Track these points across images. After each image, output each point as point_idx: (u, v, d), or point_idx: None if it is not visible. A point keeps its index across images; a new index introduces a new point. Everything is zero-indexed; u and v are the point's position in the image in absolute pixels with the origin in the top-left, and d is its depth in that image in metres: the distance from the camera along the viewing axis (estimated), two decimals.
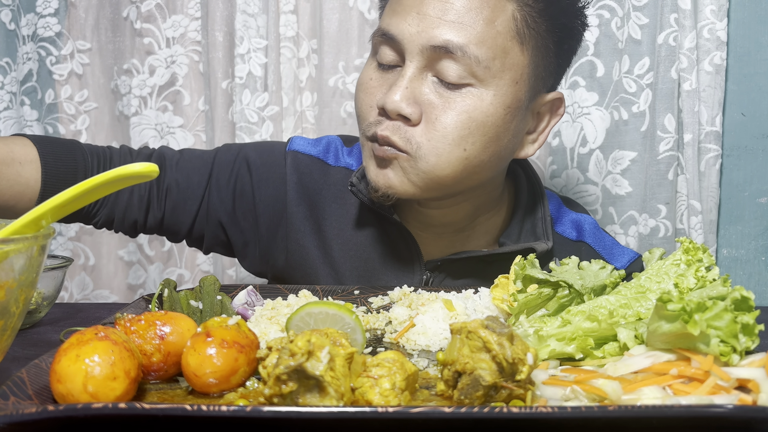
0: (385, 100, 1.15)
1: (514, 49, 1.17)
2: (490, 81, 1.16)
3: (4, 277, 0.67)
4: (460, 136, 1.16)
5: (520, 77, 1.19)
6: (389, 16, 1.20)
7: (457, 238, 1.34)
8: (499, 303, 1.02)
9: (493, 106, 1.17)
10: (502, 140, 1.21)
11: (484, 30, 1.14)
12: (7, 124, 2.03)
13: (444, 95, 1.16)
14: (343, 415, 0.61)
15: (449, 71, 1.15)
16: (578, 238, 1.40)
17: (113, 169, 0.72)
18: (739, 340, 0.73)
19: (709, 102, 1.81)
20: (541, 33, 1.19)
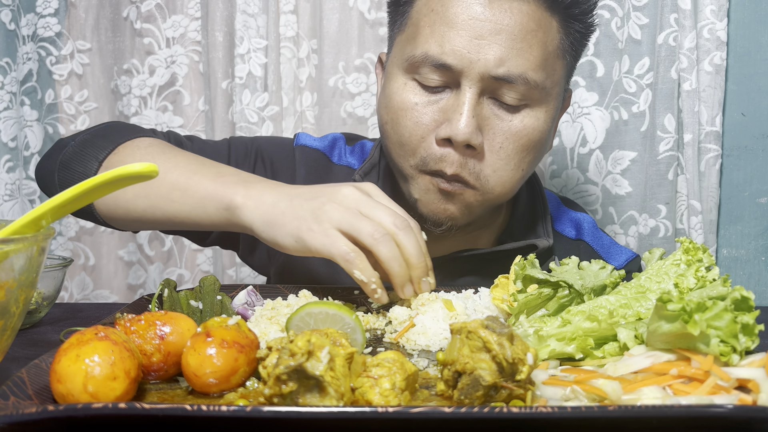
0: (452, 131, 1.12)
1: (558, 65, 1.19)
2: (544, 100, 1.17)
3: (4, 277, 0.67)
4: (521, 159, 1.17)
5: (562, 88, 1.23)
6: (436, 39, 1.13)
7: (459, 238, 1.33)
8: (500, 303, 1.02)
9: (546, 123, 1.19)
10: (546, 147, 1.25)
11: (541, 54, 1.14)
12: (7, 124, 2.03)
13: (503, 118, 1.15)
14: (343, 415, 0.61)
15: (508, 96, 1.14)
16: (577, 236, 1.40)
17: (113, 170, 0.72)
18: (739, 340, 0.73)
19: (709, 102, 1.81)
20: (573, 43, 1.21)
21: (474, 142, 1.12)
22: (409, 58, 1.16)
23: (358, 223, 0.99)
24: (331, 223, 1.00)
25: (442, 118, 1.15)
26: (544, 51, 1.14)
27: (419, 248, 1.02)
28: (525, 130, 1.16)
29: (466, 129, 1.11)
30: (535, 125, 1.17)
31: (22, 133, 2.04)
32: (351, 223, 1.00)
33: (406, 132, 1.17)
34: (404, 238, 1.00)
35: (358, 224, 0.99)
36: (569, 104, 1.34)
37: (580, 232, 1.41)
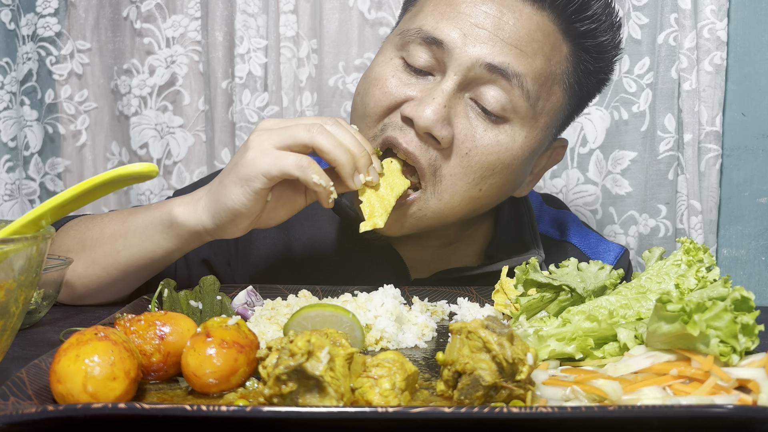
0: (417, 113, 1.02)
1: (556, 94, 1.10)
2: (527, 121, 1.07)
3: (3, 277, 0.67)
4: (482, 177, 1.07)
5: (553, 123, 1.12)
6: (434, 17, 1.06)
7: (443, 250, 1.27)
8: (502, 308, 1.02)
9: (522, 149, 1.08)
10: (514, 183, 1.14)
11: (543, 66, 1.05)
12: (7, 124, 2.03)
13: (478, 126, 1.05)
14: (343, 415, 0.61)
15: (491, 99, 1.04)
16: (562, 237, 1.35)
17: (113, 170, 0.72)
18: (738, 341, 0.73)
19: (709, 102, 1.81)
20: (579, 82, 1.13)
21: (437, 132, 1.02)
22: (403, 33, 1.09)
23: (289, 132, 0.97)
24: (264, 147, 0.96)
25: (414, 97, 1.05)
26: (546, 66, 1.06)
27: (354, 136, 0.99)
28: (497, 146, 1.05)
29: (432, 115, 1.01)
30: (508, 146, 1.06)
31: (22, 133, 2.04)
32: (282, 136, 0.97)
33: (372, 101, 1.08)
34: (336, 130, 0.98)
35: (289, 132, 0.97)
36: (561, 156, 1.23)
37: (565, 233, 1.35)
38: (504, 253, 1.26)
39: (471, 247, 1.30)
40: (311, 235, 1.26)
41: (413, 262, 1.26)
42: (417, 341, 0.94)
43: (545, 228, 1.35)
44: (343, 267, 1.25)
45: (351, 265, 1.24)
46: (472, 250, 1.30)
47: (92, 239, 1.12)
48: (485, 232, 1.31)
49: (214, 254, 1.28)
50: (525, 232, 1.28)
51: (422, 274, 1.26)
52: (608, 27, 1.11)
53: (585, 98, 1.19)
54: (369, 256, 1.25)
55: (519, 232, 1.29)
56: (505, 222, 1.29)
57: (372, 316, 0.93)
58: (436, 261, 1.27)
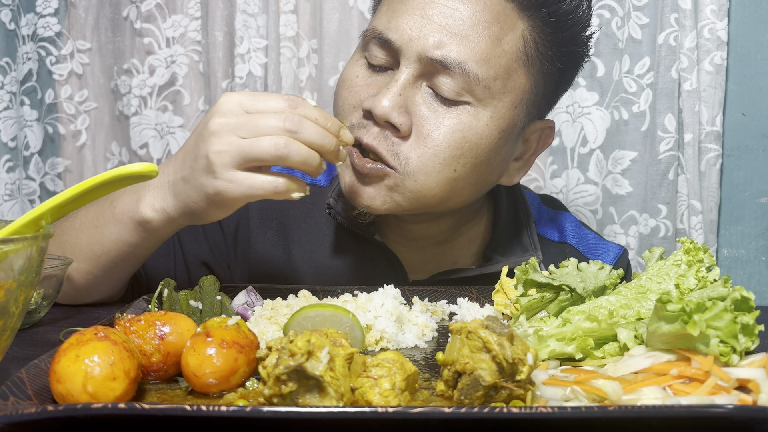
0: (373, 103, 1.06)
1: (518, 71, 1.10)
2: (488, 101, 1.08)
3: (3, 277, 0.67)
4: (452, 156, 1.08)
5: (520, 102, 1.12)
6: (387, 16, 1.10)
7: (439, 250, 1.27)
8: (502, 309, 1.02)
9: (489, 128, 1.09)
10: (491, 164, 1.13)
11: (488, 47, 1.06)
12: (7, 124, 2.03)
13: (437, 110, 1.07)
14: (343, 415, 0.61)
15: (445, 86, 1.06)
16: (561, 239, 1.35)
17: (113, 170, 0.72)
18: (738, 341, 0.73)
19: (709, 102, 1.81)
20: (548, 58, 1.12)
21: (395, 120, 1.05)
22: (363, 34, 1.14)
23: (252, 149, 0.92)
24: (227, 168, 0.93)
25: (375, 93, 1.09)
26: (495, 46, 1.06)
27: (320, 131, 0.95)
28: (460, 125, 1.07)
29: (387, 103, 1.04)
30: (472, 124, 1.07)
31: (22, 133, 2.04)
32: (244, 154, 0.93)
33: (340, 100, 1.13)
34: (304, 133, 0.94)
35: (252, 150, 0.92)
36: (551, 138, 1.23)
37: (564, 234, 1.35)
38: (501, 255, 1.26)
39: (468, 248, 1.30)
40: (309, 237, 1.27)
41: (411, 264, 1.26)
42: (417, 341, 0.94)
43: (543, 229, 1.35)
44: (341, 269, 1.25)
45: (349, 267, 1.25)
46: (470, 251, 1.30)
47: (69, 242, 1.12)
48: (482, 233, 1.31)
49: (214, 257, 1.29)
50: (522, 233, 1.29)
51: (420, 276, 1.27)
52: None
53: (563, 75, 1.18)
54: (367, 259, 1.25)
55: (516, 234, 1.29)
56: (503, 223, 1.29)
57: (372, 316, 0.93)
58: (433, 262, 1.27)
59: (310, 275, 1.25)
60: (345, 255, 1.26)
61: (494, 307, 1.03)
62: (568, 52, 1.15)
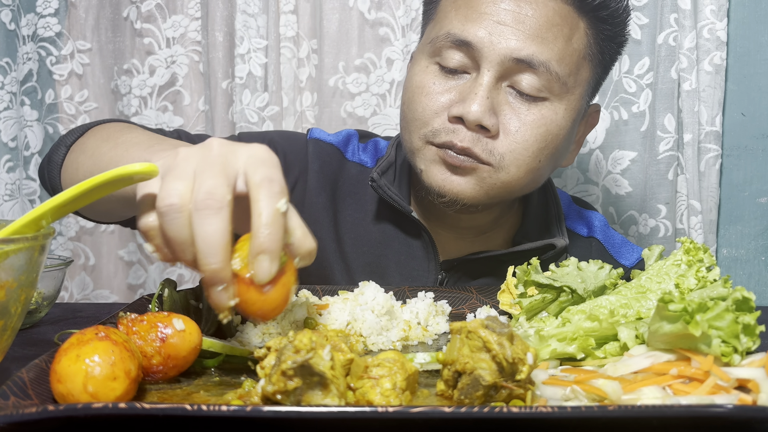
0: (464, 109, 1.13)
1: (584, 66, 1.20)
2: (564, 96, 1.17)
3: (4, 277, 0.67)
4: (539, 149, 1.17)
5: (585, 92, 1.22)
6: (458, 20, 1.16)
7: (477, 239, 1.34)
8: (508, 308, 1.02)
9: (565, 120, 1.18)
10: (563, 151, 1.24)
11: (564, 47, 1.15)
12: (7, 124, 2.03)
13: (520, 107, 1.16)
14: (344, 415, 0.61)
15: (527, 85, 1.15)
16: (589, 234, 1.41)
17: (113, 169, 0.72)
18: (740, 341, 0.73)
19: (709, 102, 1.81)
20: (602, 49, 1.22)
21: (486, 122, 1.12)
22: (432, 40, 1.19)
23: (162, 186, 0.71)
24: None
25: (458, 99, 1.16)
26: (568, 46, 1.16)
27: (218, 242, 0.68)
28: (543, 119, 1.16)
29: (478, 108, 1.12)
30: (552, 118, 1.17)
31: (22, 133, 2.04)
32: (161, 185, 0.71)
33: (420, 107, 1.18)
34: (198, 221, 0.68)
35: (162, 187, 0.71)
36: (596, 121, 1.34)
37: (592, 230, 1.42)
38: (530, 240, 1.32)
39: (500, 235, 1.37)
40: (354, 210, 1.34)
41: (444, 246, 1.33)
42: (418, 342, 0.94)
43: (573, 224, 1.42)
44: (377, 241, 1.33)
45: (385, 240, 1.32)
46: (502, 238, 1.37)
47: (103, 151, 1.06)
48: (514, 222, 1.38)
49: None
50: (551, 222, 1.35)
51: (451, 256, 1.33)
52: None
53: (609, 63, 1.28)
54: (403, 236, 1.32)
55: (545, 222, 1.36)
56: (533, 213, 1.36)
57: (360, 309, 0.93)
58: (467, 248, 1.34)
59: (349, 243, 1.33)
60: (382, 226, 1.33)
61: (500, 306, 1.03)
62: (618, 41, 1.26)
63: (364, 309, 0.93)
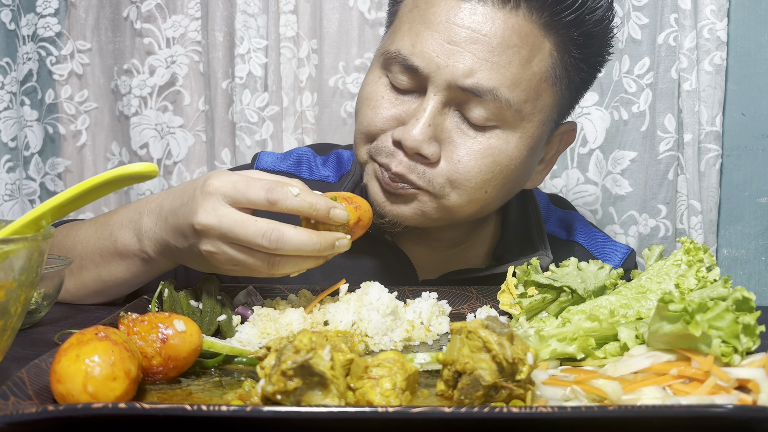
0: (404, 135, 1.06)
1: (546, 91, 1.09)
2: (518, 124, 1.08)
3: (3, 277, 0.67)
4: (484, 180, 1.09)
5: (547, 118, 1.12)
6: (410, 38, 1.07)
7: (452, 252, 1.28)
8: (508, 308, 1.02)
9: (518, 150, 1.09)
10: (519, 178, 1.15)
11: (519, 72, 1.04)
12: (7, 124, 2.03)
13: (467, 135, 1.07)
14: (344, 415, 0.61)
15: (475, 113, 1.06)
16: (569, 237, 1.36)
17: (113, 170, 0.72)
18: (740, 341, 0.73)
19: (709, 102, 1.81)
20: (572, 70, 1.12)
21: (425, 152, 1.06)
22: (385, 53, 1.12)
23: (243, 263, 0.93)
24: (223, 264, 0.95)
25: (403, 119, 1.09)
26: (525, 70, 1.05)
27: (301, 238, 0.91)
28: (490, 149, 1.07)
29: (418, 136, 1.04)
30: (503, 148, 1.08)
31: (22, 133, 2.04)
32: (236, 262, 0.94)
33: (366, 120, 1.12)
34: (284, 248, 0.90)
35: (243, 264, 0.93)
36: (572, 139, 1.24)
37: (571, 233, 1.36)
38: (512, 254, 1.26)
39: (479, 248, 1.30)
40: None
41: (421, 263, 1.26)
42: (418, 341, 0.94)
43: (552, 228, 1.36)
44: (349, 267, 1.25)
45: (358, 265, 1.25)
46: (480, 251, 1.30)
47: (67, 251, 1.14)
48: (492, 233, 1.31)
49: None
50: (532, 232, 1.29)
51: (430, 275, 1.27)
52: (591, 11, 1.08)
53: (584, 84, 1.18)
54: (377, 257, 1.25)
55: (526, 233, 1.29)
56: (513, 222, 1.29)
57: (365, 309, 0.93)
58: (444, 262, 1.27)
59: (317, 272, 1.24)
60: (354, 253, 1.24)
61: (500, 306, 1.03)
62: (592, 63, 1.15)
63: (369, 309, 0.93)
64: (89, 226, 1.13)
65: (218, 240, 0.93)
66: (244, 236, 0.90)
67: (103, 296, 1.14)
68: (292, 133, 1.96)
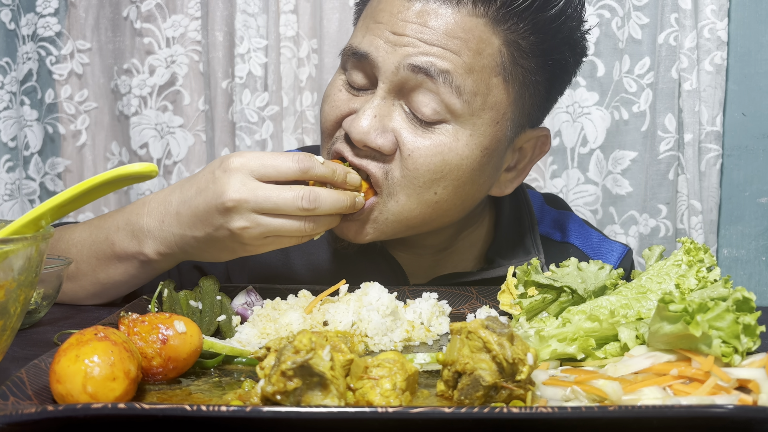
0: (351, 126, 1.04)
1: (497, 87, 1.06)
2: (467, 119, 1.04)
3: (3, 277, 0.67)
4: (432, 180, 1.05)
5: (502, 117, 1.08)
6: (361, 34, 1.08)
7: (440, 256, 1.26)
8: (508, 309, 1.02)
9: (469, 148, 1.06)
10: (476, 182, 1.11)
11: (469, 60, 1.02)
12: (7, 123, 2.03)
13: (416, 131, 1.05)
14: (344, 416, 0.61)
15: (423, 104, 1.03)
16: (563, 239, 1.33)
17: (113, 170, 0.72)
18: (740, 341, 0.73)
19: (709, 102, 1.81)
20: (530, 69, 1.08)
21: (372, 143, 1.03)
22: (341, 53, 1.13)
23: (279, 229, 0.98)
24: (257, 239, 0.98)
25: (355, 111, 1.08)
26: (475, 60, 1.03)
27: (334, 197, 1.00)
28: (438, 147, 1.04)
29: (363, 127, 1.03)
30: (452, 145, 1.04)
31: (22, 133, 2.04)
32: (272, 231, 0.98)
33: (324, 117, 1.12)
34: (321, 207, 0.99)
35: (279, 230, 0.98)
36: (547, 146, 1.18)
37: (566, 234, 1.33)
38: (504, 257, 1.25)
39: (470, 251, 1.28)
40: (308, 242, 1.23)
41: (411, 269, 1.25)
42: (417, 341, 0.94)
43: (546, 229, 1.33)
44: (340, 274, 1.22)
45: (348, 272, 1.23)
46: (471, 254, 1.29)
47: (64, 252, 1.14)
48: (484, 236, 1.29)
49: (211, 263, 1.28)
50: (525, 235, 1.27)
51: (420, 280, 1.26)
52: (542, 9, 1.05)
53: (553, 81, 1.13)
54: (367, 263, 1.24)
55: (519, 236, 1.27)
56: (505, 225, 1.27)
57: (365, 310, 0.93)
58: (433, 266, 1.26)
59: (309, 279, 1.25)
60: (344, 259, 1.25)
61: (500, 307, 1.03)
62: (555, 59, 1.10)
63: (369, 310, 0.93)
64: (83, 230, 1.14)
65: (252, 212, 0.96)
66: (283, 202, 0.96)
67: (101, 298, 1.15)
68: (292, 132, 1.96)
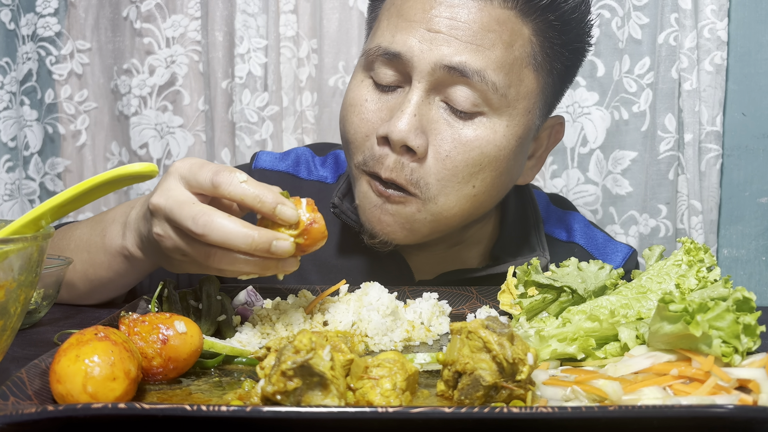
0: (390, 128, 1.03)
1: (528, 76, 1.08)
2: (504, 110, 1.06)
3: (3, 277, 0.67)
4: (471, 174, 1.06)
5: (533, 106, 1.11)
6: (390, 31, 1.07)
7: (448, 253, 1.26)
8: (509, 308, 1.02)
9: (506, 138, 1.07)
10: (510, 172, 1.13)
11: (502, 54, 1.04)
12: (7, 123, 2.03)
13: (454, 125, 1.05)
14: (344, 416, 0.61)
15: (461, 98, 1.04)
16: (569, 238, 1.34)
17: (113, 170, 0.72)
18: (741, 341, 0.73)
19: (709, 102, 1.81)
20: (555, 58, 1.11)
21: (412, 143, 1.03)
22: (365, 53, 1.11)
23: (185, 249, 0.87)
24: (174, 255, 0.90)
25: (388, 117, 1.06)
26: (507, 54, 1.04)
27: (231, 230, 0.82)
28: (477, 140, 1.05)
29: (403, 127, 1.02)
30: (490, 137, 1.05)
31: (21, 133, 2.04)
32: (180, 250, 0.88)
33: (352, 128, 1.10)
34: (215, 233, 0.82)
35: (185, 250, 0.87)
36: (561, 134, 1.22)
37: (572, 234, 1.34)
38: (509, 255, 1.25)
39: (476, 248, 1.29)
40: None
41: (417, 264, 1.25)
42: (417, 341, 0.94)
43: (551, 229, 1.34)
44: (345, 269, 1.24)
45: (354, 267, 1.24)
46: (477, 251, 1.29)
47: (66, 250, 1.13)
48: (489, 233, 1.30)
49: None
50: (530, 233, 1.27)
51: (427, 276, 1.26)
52: None
53: (566, 73, 1.16)
54: (372, 258, 1.24)
55: (524, 234, 1.28)
56: (510, 222, 1.28)
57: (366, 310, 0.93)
58: (440, 263, 1.26)
59: (314, 274, 1.24)
60: (350, 254, 1.25)
61: (500, 306, 1.03)
62: (573, 48, 1.14)
63: (369, 310, 0.93)
64: (85, 225, 1.13)
65: (165, 221, 0.88)
66: (178, 216, 0.85)
67: (91, 298, 1.13)
68: (292, 132, 1.96)
